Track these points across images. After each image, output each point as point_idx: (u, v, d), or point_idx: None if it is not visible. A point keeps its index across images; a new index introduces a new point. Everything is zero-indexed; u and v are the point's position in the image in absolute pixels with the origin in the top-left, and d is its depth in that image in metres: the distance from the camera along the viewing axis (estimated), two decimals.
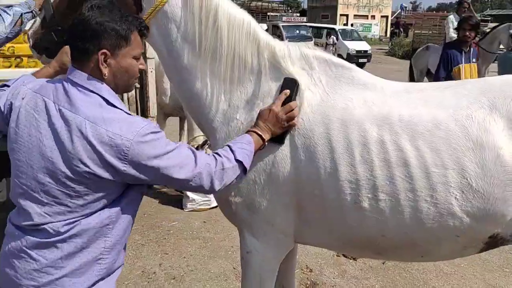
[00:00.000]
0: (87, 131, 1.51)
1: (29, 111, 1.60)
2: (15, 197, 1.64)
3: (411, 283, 3.85)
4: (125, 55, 1.60)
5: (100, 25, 1.54)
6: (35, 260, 1.56)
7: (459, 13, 9.83)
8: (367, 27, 45.81)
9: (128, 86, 1.69)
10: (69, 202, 1.55)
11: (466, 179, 1.75)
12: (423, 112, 1.86)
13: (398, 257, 2.16)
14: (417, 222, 1.82)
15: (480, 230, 1.82)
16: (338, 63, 2.06)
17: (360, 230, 1.92)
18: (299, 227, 2.03)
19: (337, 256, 4.20)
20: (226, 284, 3.76)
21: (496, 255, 4.29)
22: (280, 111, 1.89)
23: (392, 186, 1.81)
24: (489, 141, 1.76)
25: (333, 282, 3.82)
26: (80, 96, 1.56)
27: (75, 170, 1.52)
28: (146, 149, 1.55)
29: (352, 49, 22.63)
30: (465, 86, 1.96)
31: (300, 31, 24.29)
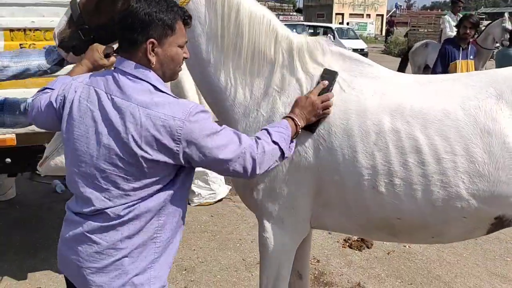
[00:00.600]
0: (140, 116, 1.59)
1: (82, 103, 1.68)
2: (74, 186, 1.71)
3: (415, 271, 3.96)
4: (171, 43, 1.66)
5: (148, 16, 1.61)
6: (96, 243, 1.65)
7: (454, 11, 9.99)
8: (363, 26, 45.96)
9: (174, 73, 1.75)
10: (127, 186, 1.63)
11: (474, 164, 1.87)
12: (433, 102, 1.97)
13: (411, 238, 2.26)
14: (428, 205, 1.93)
15: (486, 212, 1.93)
16: (353, 57, 2.17)
17: (377, 213, 2.03)
18: (317, 212, 2.13)
19: (342, 247, 4.32)
20: (236, 274, 3.86)
21: (497, 244, 4.42)
22: (317, 99, 1.97)
23: (406, 172, 1.92)
24: (495, 128, 1.87)
25: (340, 272, 3.93)
26: (130, 84, 1.64)
27: (132, 154, 1.59)
28: (197, 128, 1.62)
29: (349, 48, 22.71)
30: (472, 78, 2.07)
31: (297, 30, 24.38)
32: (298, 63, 2.10)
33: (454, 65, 5.87)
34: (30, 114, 1.92)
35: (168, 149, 1.61)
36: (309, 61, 2.10)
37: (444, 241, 2.25)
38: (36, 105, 1.87)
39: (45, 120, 1.87)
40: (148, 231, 1.69)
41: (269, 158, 1.78)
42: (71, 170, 1.71)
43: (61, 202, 5.22)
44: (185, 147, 1.62)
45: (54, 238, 4.37)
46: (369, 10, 49.04)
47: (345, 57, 2.15)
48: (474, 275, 3.93)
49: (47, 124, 1.90)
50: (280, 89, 2.09)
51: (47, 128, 1.97)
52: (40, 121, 1.91)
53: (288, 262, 2.21)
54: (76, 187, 1.70)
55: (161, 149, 1.60)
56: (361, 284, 3.74)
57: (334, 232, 3.01)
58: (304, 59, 2.10)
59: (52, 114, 1.81)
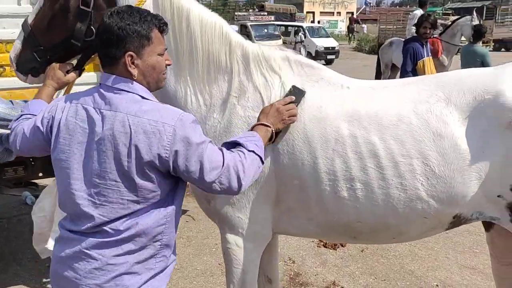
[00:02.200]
0: (129, 124, 1.58)
1: (71, 121, 1.67)
2: (68, 205, 1.69)
3: (389, 268, 4.04)
4: (149, 53, 1.66)
5: (122, 30, 1.61)
6: (95, 260, 1.62)
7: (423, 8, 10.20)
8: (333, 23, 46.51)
9: (158, 81, 1.74)
10: (122, 200, 1.61)
11: (430, 167, 1.93)
12: (387, 107, 2.02)
13: (372, 239, 2.31)
14: (389, 207, 1.99)
15: (445, 212, 1.99)
16: (308, 64, 2.20)
17: (339, 217, 2.06)
18: (278, 218, 2.15)
19: (317, 247, 4.37)
20: (213, 279, 3.86)
21: (466, 237, 4.54)
22: (282, 106, 1.99)
23: (366, 176, 1.97)
24: (447, 131, 1.92)
25: (315, 271, 3.97)
26: (117, 96, 1.64)
27: (124, 166, 1.58)
28: (187, 134, 1.61)
29: (320, 46, 22.96)
30: (424, 82, 2.12)
31: (268, 30, 24.47)
32: (255, 69, 2.12)
33: (422, 63, 6.04)
34: (14, 142, 1.88)
35: (159, 156, 1.59)
36: (266, 68, 2.13)
37: (405, 240, 2.31)
38: (20, 132, 1.85)
39: (32, 145, 1.84)
40: (151, 248, 1.67)
41: (251, 168, 1.76)
42: (64, 190, 1.69)
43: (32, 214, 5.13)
44: (174, 154, 1.60)
45: (25, 252, 4.31)
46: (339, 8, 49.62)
47: (301, 64, 2.18)
48: (445, 268, 4.03)
49: (34, 149, 1.87)
50: (238, 94, 2.11)
51: (34, 153, 1.95)
52: (27, 147, 1.87)
53: (252, 269, 2.23)
54: (70, 206, 1.68)
55: (152, 157, 1.59)
56: (336, 282, 3.80)
57: (296, 236, 3.03)
58: (261, 66, 2.13)
59: (39, 138, 1.79)
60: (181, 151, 1.60)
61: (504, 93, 1.87)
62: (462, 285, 3.78)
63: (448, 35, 9.72)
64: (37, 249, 2.94)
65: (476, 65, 7.09)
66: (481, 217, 2.01)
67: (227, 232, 2.17)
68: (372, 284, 3.80)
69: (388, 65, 10.49)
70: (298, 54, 2.32)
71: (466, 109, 1.93)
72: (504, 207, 1.92)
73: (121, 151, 1.58)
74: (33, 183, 5.54)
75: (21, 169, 3.83)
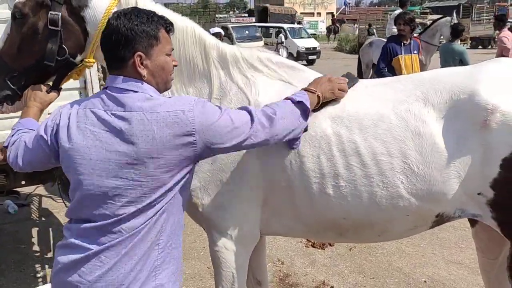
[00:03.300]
0: (149, 120, 1.56)
1: (80, 126, 1.63)
2: (81, 210, 1.65)
3: (377, 265, 4.07)
4: (158, 53, 1.65)
5: (131, 30, 1.60)
6: (102, 263, 1.59)
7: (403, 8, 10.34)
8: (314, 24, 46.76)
9: (166, 82, 1.73)
10: (142, 199, 1.59)
11: (409, 165, 1.95)
12: (368, 107, 2.04)
13: (358, 237, 2.30)
14: (373, 204, 2.00)
15: (426, 209, 2.02)
16: (290, 65, 2.21)
17: (325, 215, 2.07)
18: (266, 219, 2.15)
19: (306, 247, 4.38)
20: (202, 283, 3.84)
21: (452, 232, 4.60)
22: (334, 78, 2.03)
23: (350, 173, 1.98)
24: (425, 130, 1.94)
25: (304, 272, 3.98)
26: (128, 96, 1.61)
27: (147, 163, 1.56)
28: (208, 114, 1.62)
29: (302, 47, 23.08)
30: (401, 82, 2.14)
31: (250, 31, 24.50)
32: (235, 70, 2.11)
33: (396, 59, 6.12)
34: (15, 158, 1.82)
35: (186, 143, 1.59)
36: (246, 68, 2.13)
37: (390, 238, 2.33)
38: (21, 146, 1.81)
39: (35, 158, 1.79)
40: (150, 237, 1.63)
41: (286, 117, 1.79)
42: (78, 198, 1.64)
43: (15, 223, 5.04)
44: (201, 135, 1.60)
45: (9, 262, 4.22)
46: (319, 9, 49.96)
47: (283, 65, 2.18)
48: (432, 264, 4.08)
49: (37, 162, 1.82)
50: (220, 96, 2.10)
51: (37, 167, 1.87)
52: (29, 161, 1.81)
53: (241, 271, 2.22)
54: (85, 211, 1.64)
55: (178, 146, 1.58)
56: (326, 282, 3.81)
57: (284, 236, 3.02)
58: (241, 67, 2.12)
59: (44, 149, 1.74)
60: (208, 130, 1.61)
61: (479, 92, 1.89)
62: (449, 280, 3.83)
63: (427, 35, 9.86)
64: None
65: (455, 63, 7.21)
66: (464, 214, 2.03)
67: (215, 235, 2.15)
68: (361, 282, 3.82)
69: (368, 65, 10.63)
70: (279, 55, 2.33)
71: (443, 108, 1.95)
72: (485, 204, 1.95)
73: (144, 150, 1.55)
74: (15, 192, 5.46)
75: (2, 177, 3.76)
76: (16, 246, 4.53)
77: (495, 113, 1.84)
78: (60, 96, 2.24)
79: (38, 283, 3.86)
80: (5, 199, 5.28)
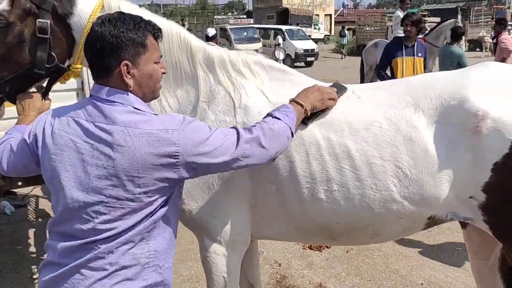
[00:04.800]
0: (131, 136, 1.49)
1: (62, 135, 1.57)
2: (64, 223, 1.59)
3: (374, 267, 4.07)
4: (145, 62, 1.58)
5: (116, 38, 1.51)
6: (85, 276, 1.53)
7: (403, 9, 10.31)
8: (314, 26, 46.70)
9: (154, 91, 1.67)
10: (119, 214, 1.52)
11: (402, 169, 1.95)
12: (359, 111, 2.04)
13: (351, 240, 2.30)
14: (365, 208, 2.00)
15: (419, 212, 2.02)
16: (279, 68, 2.20)
17: (317, 219, 2.07)
18: (257, 223, 2.14)
19: (303, 249, 4.37)
20: (199, 285, 3.83)
21: (448, 235, 4.60)
22: (323, 88, 1.99)
23: (342, 177, 1.98)
24: (417, 136, 1.95)
25: (301, 274, 3.98)
26: (112, 108, 1.54)
27: (127, 183, 1.49)
28: (194, 134, 1.55)
29: (300, 48, 23.10)
30: (392, 87, 2.14)
31: (248, 33, 24.52)
32: (223, 73, 2.10)
33: (395, 61, 5.97)
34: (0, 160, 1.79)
35: (168, 164, 1.52)
36: (233, 71, 2.12)
37: (383, 240, 2.34)
38: (7, 149, 1.78)
39: (19, 162, 1.76)
40: (138, 256, 1.58)
41: (273, 135, 1.74)
42: (60, 209, 1.59)
43: (11, 224, 5.03)
44: (186, 157, 1.53)
45: (5, 263, 4.21)
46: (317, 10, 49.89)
47: (271, 69, 2.18)
48: (429, 267, 4.08)
49: (21, 167, 1.78)
50: (208, 99, 2.09)
51: (20, 172, 1.83)
52: (13, 165, 1.77)
53: (233, 275, 2.20)
54: (67, 224, 1.58)
55: (159, 167, 1.51)
56: (323, 284, 3.81)
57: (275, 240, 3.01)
58: (229, 70, 2.11)
59: (25, 152, 1.70)
60: (193, 152, 1.54)
61: (469, 99, 1.89)
62: (446, 282, 3.83)
63: (431, 37, 9.83)
64: None
65: (453, 66, 7.20)
66: (455, 217, 2.04)
67: (205, 241, 2.14)
68: (358, 284, 3.82)
69: (372, 66, 10.46)
70: (270, 58, 2.31)
71: (433, 114, 1.95)
72: (477, 207, 1.95)
73: (124, 167, 1.48)
74: (12, 193, 5.45)
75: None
76: (13, 247, 4.51)
77: (485, 119, 1.84)
78: (58, 97, 2.24)
79: (35, 284, 3.85)
80: (2, 200, 5.27)
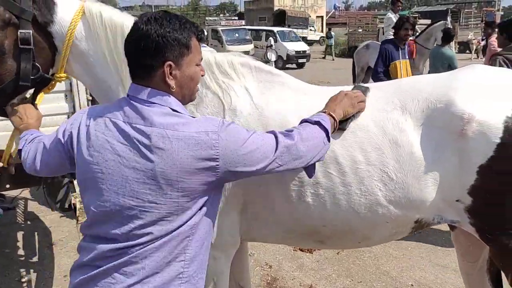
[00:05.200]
0: (170, 139, 1.44)
1: (99, 136, 1.52)
2: (96, 227, 1.55)
3: (364, 269, 4.08)
4: (188, 63, 1.55)
5: (162, 37, 1.47)
6: (116, 280, 1.48)
7: (394, 11, 10.37)
8: None
9: (193, 94, 1.64)
10: (155, 220, 1.47)
11: (387, 173, 1.95)
12: None
13: (339, 244, 2.30)
14: (352, 212, 2.00)
15: (405, 216, 2.02)
16: (266, 70, 2.19)
17: (305, 222, 2.06)
18: (247, 225, 2.13)
19: (294, 251, 4.37)
20: None
21: (439, 235, 4.63)
22: (349, 92, 1.97)
23: (329, 181, 1.98)
24: (403, 139, 1.95)
25: (292, 276, 3.98)
26: (150, 109, 1.50)
27: (166, 187, 1.45)
28: (234, 137, 1.50)
29: (292, 50, 23.12)
30: (381, 89, 2.14)
31: (239, 34, 24.52)
32: (210, 76, 2.08)
33: (393, 65, 6.02)
34: (33, 161, 1.75)
35: (207, 167, 1.47)
36: (219, 74, 2.10)
37: (371, 244, 2.32)
38: (40, 146, 1.74)
39: (53, 161, 1.71)
40: (174, 265, 1.52)
41: (310, 138, 1.69)
42: (93, 213, 1.54)
43: (0, 226, 4.97)
44: (225, 160, 1.48)
45: None
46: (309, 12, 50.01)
47: (259, 70, 2.17)
48: (419, 268, 4.10)
49: (55, 166, 1.74)
50: (196, 102, 2.06)
51: (52, 168, 1.78)
52: (46, 163, 1.73)
53: (222, 278, 2.20)
54: (99, 228, 1.53)
55: (199, 170, 1.46)
56: (313, 286, 3.81)
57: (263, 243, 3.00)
58: (215, 72, 2.10)
59: (60, 151, 1.66)
60: (232, 154, 1.49)
61: (455, 102, 1.90)
62: (436, 283, 3.85)
63: (422, 39, 9.89)
64: None
65: (444, 67, 7.26)
66: (442, 220, 2.04)
67: None
68: (348, 286, 3.82)
69: (364, 68, 10.52)
70: (261, 60, 2.30)
71: (420, 117, 1.95)
72: (463, 210, 1.95)
73: (162, 170, 1.43)
74: (1, 195, 5.39)
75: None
76: (1, 250, 4.46)
77: (471, 122, 1.85)
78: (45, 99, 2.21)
79: (23, 287, 3.82)
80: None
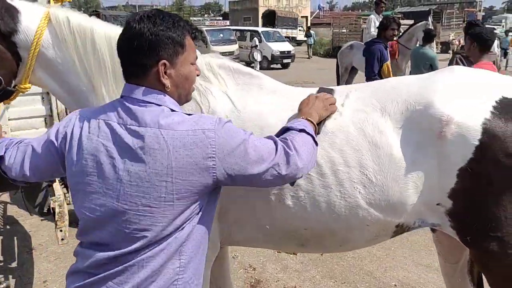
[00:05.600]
0: (165, 139, 1.41)
1: (92, 139, 1.48)
2: (89, 233, 1.50)
3: (348, 270, 4.08)
4: (183, 62, 1.52)
5: (156, 36, 1.45)
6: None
7: (377, 11, 10.44)
8: None
9: (188, 94, 1.60)
10: (154, 226, 1.43)
11: (367, 175, 1.94)
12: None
13: (320, 247, 2.28)
14: (332, 215, 1.98)
15: (386, 219, 2.00)
16: (246, 72, 2.17)
17: (285, 225, 2.04)
18: (227, 230, 2.10)
19: (278, 253, 4.35)
20: None
21: (422, 235, 4.64)
22: (319, 95, 1.93)
23: (309, 184, 1.96)
24: (382, 141, 1.93)
25: (276, 278, 3.96)
26: (144, 109, 1.46)
27: (161, 189, 1.41)
28: (230, 136, 1.47)
29: (276, 50, 23.15)
30: (359, 90, 2.13)
31: (224, 34, 24.44)
32: None
33: (386, 66, 6.03)
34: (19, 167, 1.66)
35: (204, 167, 1.43)
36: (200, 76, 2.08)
37: (352, 248, 2.31)
38: (28, 151, 1.66)
39: (43, 163, 1.64)
40: (169, 272, 1.48)
41: (304, 146, 1.65)
42: (87, 217, 1.49)
43: None
44: (222, 159, 1.45)
45: None
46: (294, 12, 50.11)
47: (238, 72, 2.14)
48: (402, 268, 4.11)
49: (43, 168, 1.66)
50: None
51: (41, 172, 1.69)
52: (36, 166, 1.65)
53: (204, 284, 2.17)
54: (94, 234, 1.49)
55: (195, 170, 1.42)
56: (297, 287, 3.79)
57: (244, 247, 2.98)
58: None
59: (52, 154, 1.60)
60: (228, 153, 1.46)
61: (433, 104, 1.89)
62: (419, 283, 3.86)
63: (404, 39, 9.97)
64: None
65: (425, 68, 7.33)
66: (423, 224, 2.04)
67: None
68: (332, 287, 3.82)
69: (347, 68, 10.58)
70: (237, 62, 2.28)
71: (399, 119, 1.94)
72: (444, 213, 1.95)
73: (157, 171, 1.40)
74: None
75: None
76: None
77: (450, 124, 1.84)
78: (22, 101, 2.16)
79: None
80: None
